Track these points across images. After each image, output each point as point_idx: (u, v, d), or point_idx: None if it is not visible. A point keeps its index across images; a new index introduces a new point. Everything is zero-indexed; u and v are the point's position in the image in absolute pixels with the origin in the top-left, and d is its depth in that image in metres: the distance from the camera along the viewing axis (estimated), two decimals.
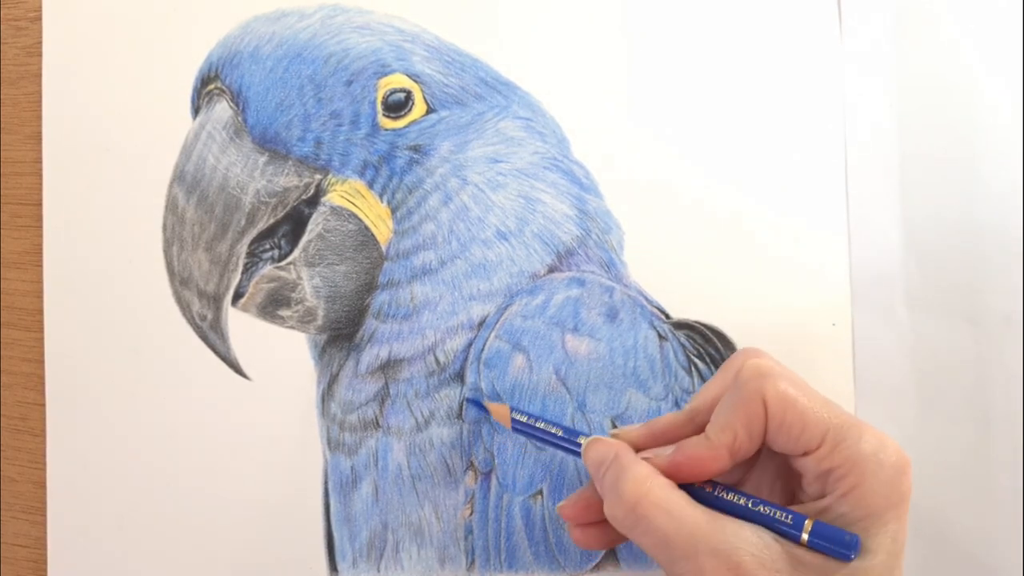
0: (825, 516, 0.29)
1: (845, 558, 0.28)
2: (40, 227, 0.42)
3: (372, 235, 0.40)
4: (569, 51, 0.41)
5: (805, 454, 0.30)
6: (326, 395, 0.41)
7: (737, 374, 0.31)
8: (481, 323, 0.40)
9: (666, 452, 0.32)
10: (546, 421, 0.36)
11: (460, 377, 0.40)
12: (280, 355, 0.41)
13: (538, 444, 0.38)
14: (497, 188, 0.40)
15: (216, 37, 0.41)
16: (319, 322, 0.41)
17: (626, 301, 0.40)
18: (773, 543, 0.29)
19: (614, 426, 0.39)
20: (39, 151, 0.43)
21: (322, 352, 0.41)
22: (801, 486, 0.31)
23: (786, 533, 0.29)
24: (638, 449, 0.33)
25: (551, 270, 0.40)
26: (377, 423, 0.40)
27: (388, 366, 0.40)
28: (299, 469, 0.41)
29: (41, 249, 0.42)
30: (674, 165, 0.40)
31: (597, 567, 0.39)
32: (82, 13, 0.43)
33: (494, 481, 0.39)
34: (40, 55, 0.43)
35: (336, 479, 0.41)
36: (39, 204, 0.42)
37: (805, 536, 0.29)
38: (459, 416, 0.40)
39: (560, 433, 0.35)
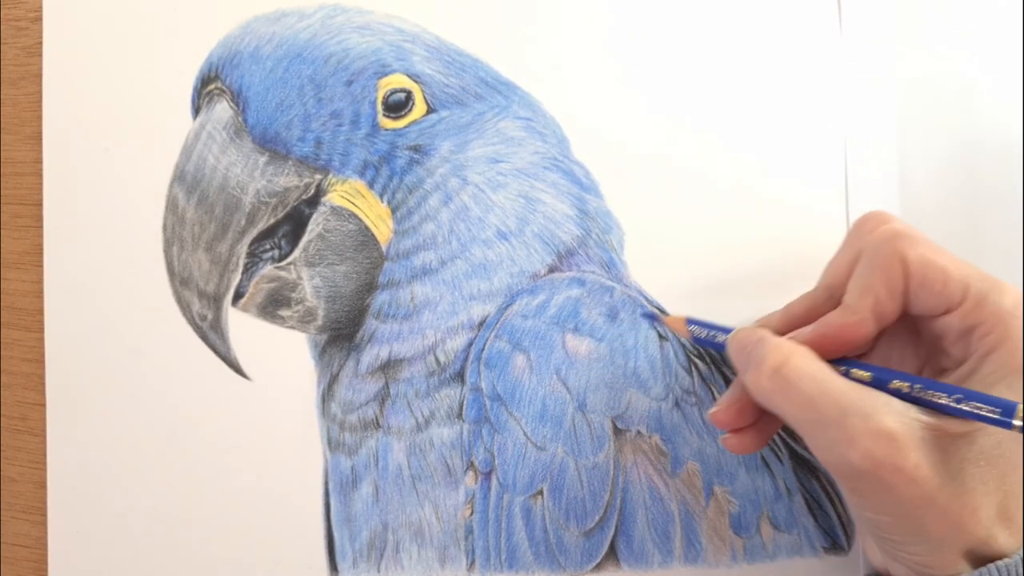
0: (972, 378, 0.29)
1: (1008, 427, 0.27)
2: (40, 227, 0.42)
3: (372, 235, 0.40)
4: (569, 51, 0.41)
5: (946, 312, 0.29)
6: (326, 395, 0.41)
7: (871, 237, 0.31)
8: (481, 323, 0.40)
9: (808, 329, 0.31)
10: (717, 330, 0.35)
11: (460, 377, 0.40)
12: (280, 355, 0.41)
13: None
14: (497, 188, 0.40)
15: (216, 37, 0.41)
16: (319, 322, 0.41)
17: (626, 301, 0.40)
18: (918, 412, 0.28)
19: (615, 426, 0.39)
20: (39, 151, 0.43)
21: (322, 352, 0.41)
22: (941, 349, 0.30)
23: (994, 421, 0.27)
24: (780, 334, 0.32)
25: (551, 270, 0.40)
26: (377, 423, 0.40)
27: (388, 366, 0.40)
28: (299, 469, 0.41)
29: (41, 249, 0.42)
30: (674, 165, 0.40)
31: (597, 567, 0.39)
32: (82, 13, 0.42)
33: (494, 481, 0.39)
34: (40, 55, 0.43)
35: (336, 479, 0.41)
36: (39, 204, 0.42)
37: (1018, 423, 0.27)
38: (459, 416, 0.40)
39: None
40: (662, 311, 0.40)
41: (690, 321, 0.37)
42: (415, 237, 0.40)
